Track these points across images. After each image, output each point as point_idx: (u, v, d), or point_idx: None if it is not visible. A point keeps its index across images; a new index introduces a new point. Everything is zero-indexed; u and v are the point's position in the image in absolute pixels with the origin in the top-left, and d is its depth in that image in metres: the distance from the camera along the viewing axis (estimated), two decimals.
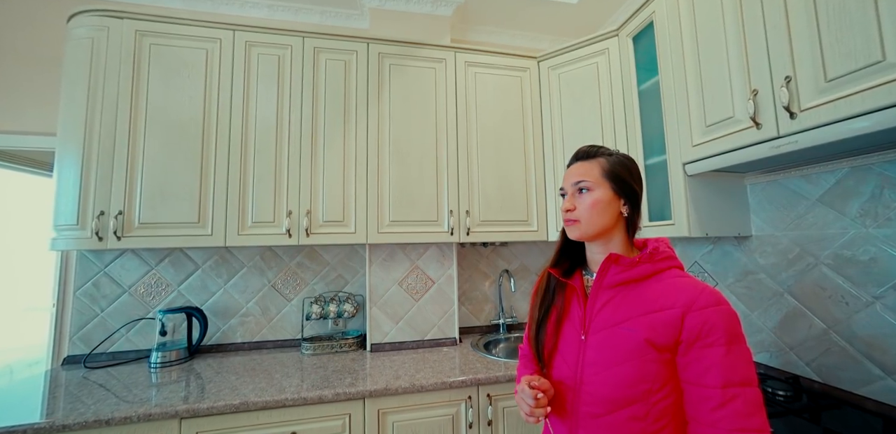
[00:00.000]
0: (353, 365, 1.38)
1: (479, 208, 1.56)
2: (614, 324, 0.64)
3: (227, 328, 1.61)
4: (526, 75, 1.71)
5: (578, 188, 0.70)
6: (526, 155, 1.66)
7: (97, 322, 1.51)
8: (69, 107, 1.34)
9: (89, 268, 1.53)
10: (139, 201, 1.31)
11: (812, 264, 1.08)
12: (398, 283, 1.64)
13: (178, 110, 1.37)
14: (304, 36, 1.50)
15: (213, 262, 1.63)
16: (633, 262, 0.66)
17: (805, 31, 0.82)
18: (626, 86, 1.48)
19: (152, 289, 1.58)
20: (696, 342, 0.57)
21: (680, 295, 0.60)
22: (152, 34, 1.39)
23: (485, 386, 1.24)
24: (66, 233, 1.29)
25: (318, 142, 1.46)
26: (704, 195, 1.20)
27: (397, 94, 1.55)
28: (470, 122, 1.61)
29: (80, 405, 1.05)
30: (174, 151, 1.35)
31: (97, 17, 1.37)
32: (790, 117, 0.84)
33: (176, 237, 1.32)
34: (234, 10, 1.83)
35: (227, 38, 1.44)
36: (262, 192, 1.39)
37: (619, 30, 1.51)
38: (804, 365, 1.09)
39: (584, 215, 0.68)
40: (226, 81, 1.42)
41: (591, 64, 1.59)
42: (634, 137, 1.43)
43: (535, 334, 0.74)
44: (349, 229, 1.43)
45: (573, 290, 0.73)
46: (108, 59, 1.35)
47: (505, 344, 1.73)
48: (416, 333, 1.62)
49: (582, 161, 0.72)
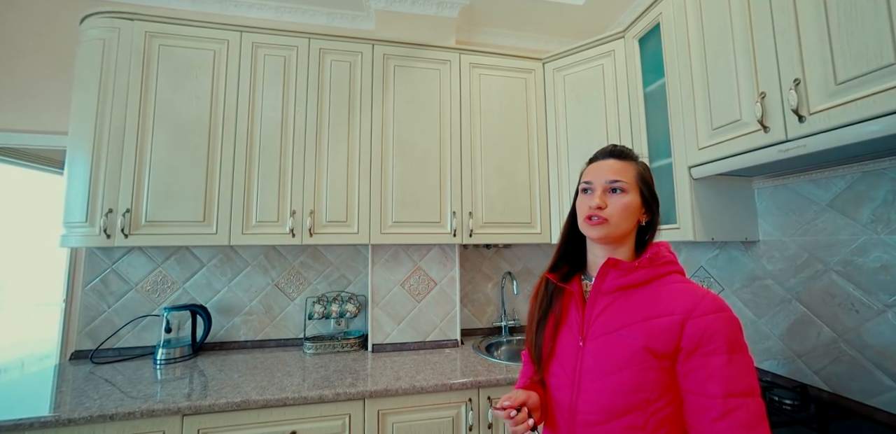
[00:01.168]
0: (354, 365, 1.38)
1: (483, 210, 1.56)
2: (613, 330, 0.63)
3: (231, 326, 1.63)
4: (531, 77, 1.71)
5: (613, 187, 0.67)
6: (530, 157, 1.65)
7: (104, 318, 1.54)
8: (80, 106, 1.36)
9: (98, 264, 1.56)
10: (146, 199, 1.33)
11: (821, 271, 1.06)
12: (400, 284, 1.64)
13: (186, 110, 1.39)
14: (310, 37, 1.51)
15: (217, 261, 1.65)
16: (633, 267, 0.64)
17: (815, 33, 0.81)
18: (631, 88, 1.47)
19: (158, 286, 1.60)
20: (697, 350, 0.56)
21: (680, 301, 0.59)
22: (162, 35, 1.41)
23: (486, 388, 1.23)
24: (76, 230, 1.31)
25: (322, 142, 1.46)
26: (710, 199, 1.18)
27: (402, 95, 1.55)
28: (474, 123, 1.60)
29: (85, 400, 1.07)
30: (181, 151, 1.37)
31: (109, 18, 1.39)
32: (799, 120, 0.83)
33: (181, 235, 1.34)
34: (242, 11, 1.86)
35: (235, 39, 1.46)
36: (267, 191, 1.40)
37: (625, 32, 1.50)
38: (812, 374, 1.07)
39: (615, 216, 0.65)
40: (232, 82, 1.43)
41: (597, 66, 1.58)
42: (640, 140, 1.42)
43: (534, 340, 0.72)
44: (352, 229, 1.44)
45: (571, 295, 0.71)
46: (118, 60, 1.37)
47: (507, 346, 1.72)
48: (418, 334, 1.62)
49: (617, 159, 0.70)
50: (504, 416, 0.62)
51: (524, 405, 0.64)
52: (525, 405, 0.64)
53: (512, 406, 0.62)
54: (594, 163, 0.72)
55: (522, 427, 0.61)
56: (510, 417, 0.61)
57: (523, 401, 0.64)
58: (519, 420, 0.61)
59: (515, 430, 0.61)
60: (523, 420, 0.61)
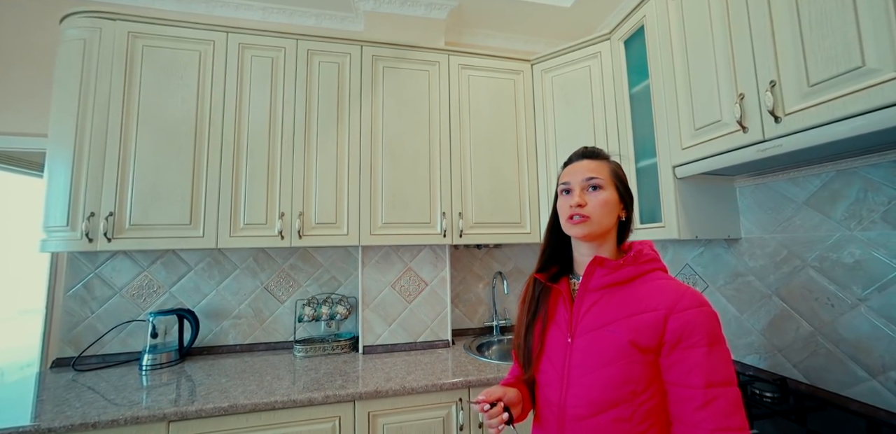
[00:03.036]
0: (344, 367, 1.37)
1: (473, 210, 1.57)
2: (599, 326, 0.64)
3: (220, 330, 1.60)
4: (519, 78, 1.72)
5: (591, 185, 0.69)
6: (519, 157, 1.67)
7: (87, 324, 1.50)
8: (61, 107, 1.33)
9: (80, 269, 1.53)
10: (130, 203, 1.31)
11: (799, 267, 1.09)
12: (391, 286, 1.63)
13: (171, 112, 1.37)
14: (298, 38, 1.50)
15: (205, 264, 1.63)
16: (618, 265, 0.66)
17: (789, 37, 0.84)
18: (617, 89, 1.49)
19: (144, 291, 1.57)
20: (679, 343, 0.57)
21: (663, 297, 0.61)
22: (145, 36, 1.39)
23: (476, 388, 1.24)
24: (57, 234, 1.28)
25: (311, 144, 1.46)
26: (694, 198, 1.21)
27: (391, 96, 1.55)
28: (463, 124, 1.61)
29: (67, 408, 1.04)
30: (166, 153, 1.35)
31: (90, 18, 1.37)
32: (775, 121, 0.85)
33: (167, 239, 1.32)
34: (229, 12, 1.84)
35: (221, 39, 1.44)
36: (255, 193, 1.39)
37: (610, 34, 1.53)
38: (791, 367, 1.10)
39: (596, 213, 0.67)
40: (219, 83, 1.42)
41: (584, 67, 1.61)
42: (626, 140, 1.44)
43: (523, 339, 0.74)
44: (342, 231, 1.43)
45: (559, 294, 0.73)
46: (100, 61, 1.34)
47: (498, 346, 1.73)
48: (409, 335, 1.62)
49: (590, 159, 0.72)
50: (479, 410, 0.64)
51: (500, 400, 0.65)
52: (501, 400, 0.65)
53: (486, 400, 0.64)
54: (569, 165, 0.75)
55: (496, 421, 0.63)
56: (484, 411, 0.63)
57: (499, 396, 0.66)
58: (493, 414, 0.63)
59: (490, 423, 0.63)
60: (497, 414, 0.63)
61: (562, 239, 0.75)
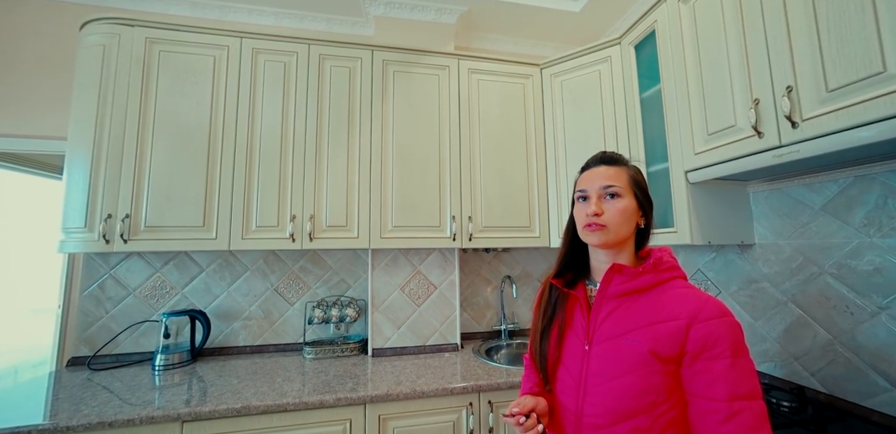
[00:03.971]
0: (354, 370, 1.38)
1: (482, 214, 1.57)
2: (618, 334, 0.64)
3: (230, 331, 1.62)
4: (529, 82, 1.73)
5: (607, 192, 0.68)
6: (528, 161, 1.67)
7: (102, 324, 1.53)
8: (80, 111, 1.36)
9: (96, 270, 1.55)
10: (146, 205, 1.33)
11: (816, 273, 1.07)
12: (400, 289, 1.64)
13: (186, 116, 1.39)
14: (310, 43, 1.52)
15: (216, 266, 1.65)
16: (637, 273, 0.66)
17: (806, 42, 0.83)
18: (627, 94, 1.49)
19: (157, 291, 1.59)
20: (702, 354, 0.57)
21: (684, 306, 0.60)
22: (162, 41, 1.42)
23: (486, 392, 1.23)
24: (75, 235, 1.31)
25: (322, 147, 1.47)
26: (707, 203, 1.20)
27: (401, 100, 1.56)
28: (473, 128, 1.62)
29: (83, 407, 1.06)
30: (181, 156, 1.37)
31: (109, 24, 1.40)
32: (792, 126, 0.85)
33: (181, 241, 1.34)
34: (242, 17, 1.87)
35: (235, 45, 1.47)
36: (267, 196, 1.41)
37: (621, 38, 1.53)
38: (809, 376, 1.08)
39: (613, 221, 0.67)
40: (232, 87, 1.44)
41: (594, 72, 1.61)
42: (636, 145, 1.43)
43: (539, 345, 0.73)
44: (352, 234, 1.44)
45: (576, 300, 0.73)
46: (118, 66, 1.37)
47: (507, 350, 1.72)
48: (418, 339, 1.62)
49: (608, 165, 0.71)
50: (514, 423, 0.62)
51: (533, 411, 0.65)
52: (534, 411, 0.65)
53: (521, 412, 0.63)
54: (586, 171, 0.74)
55: (532, 433, 0.62)
56: (520, 424, 0.62)
57: (532, 407, 0.65)
58: (528, 426, 0.62)
59: None
60: (532, 426, 0.62)
61: (579, 245, 0.75)
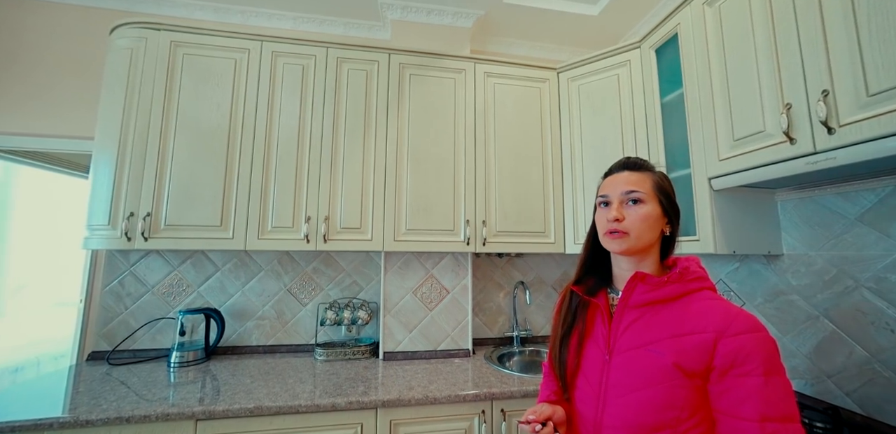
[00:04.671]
0: (365, 373, 1.37)
1: (496, 219, 1.55)
2: (640, 345, 0.62)
3: (244, 331, 1.63)
4: (545, 86, 1.71)
5: (630, 198, 0.67)
6: (544, 166, 1.65)
7: (121, 320, 1.56)
8: (107, 112, 1.41)
9: (116, 266, 1.59)
10: (166, 204, 1.35)
11: (851, 287, 1.02)
12: (412, 292, 1.63)
13: (207, 117, 1.42)
14: (328, 46, 1.54)
15: (232, 265, 1.67)
16: (662, 282, 0.64)
17: (844, 44, 0.79)
18: (647, 98, 1.46)
19: (174, 289, 1.62)
20: (731, 370, 0.54)
21: (712, 318, 0.58)
22: (186, 45, 1.45)
23: (499, 401, 1.21)
24: (98, 232, 1.34)
25: (338, 150, 1.48)
26: (731, 211, 1.16)
27: (417, 103, 1.56)
28: (488, 132, 1.61)
29: (102, 401, 1.08)
30: (201, 156, 1.40)
31: (137, 28, 1.44)
32: (828, 132, 0.81)
33: (199, 239, 1.36)
34: (263, 21, 1.91)
35: (255, 48, 1.49)
36: (283, 197, 1.42)
37: (641, 42, 1.50)
38: (844, 395, 1.02)
39: (635, 228, 0.65)
40: (252, 90, 1.46)
41: (612, 76, 1.58)
42: (657, 150, 1.40)
43: (558, 352, 0.72)
44: (366, 236, 1.44)
45: (597, 308, 0.71)
46: (144, 68, 1.41)
47: (519, 357, 1.69)
48: (430, 343, 1.60)
49: (631, 171, 0.70)
50: (529, 431, 0.61)
51: (549, 419, 0.63)
52: (550, 419, 0.63)
53: (537, 420, 0.62)
54: (609, 176, 0.73)
55: None
56: (535, 432, 0.61)
57: (549, 415, 0.64)
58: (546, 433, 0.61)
59: None
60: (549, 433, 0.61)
61: (600, 252, 0.73)
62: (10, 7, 1.69)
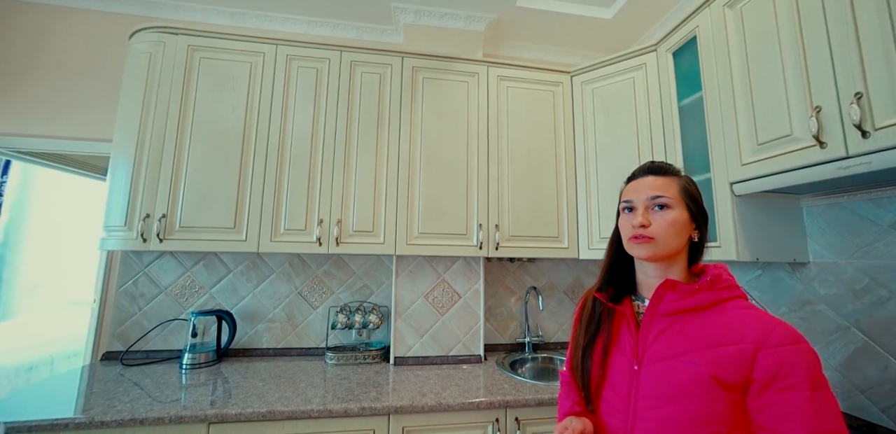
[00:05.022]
0: (376, 378, 1.36)
1: (509, 223, 1.53)
2: (673, 355, 0.60)
3: (254, 333, 1.63)
4: (559, 90, 1.69)
5: (656, 204, 0.65)
6: (557, 170, 1.63)
7: (134, 320, 1.57)
8: (126, 115, 1.43)
9: (131, 267, 1.60)
10: (181, 205, 1.36)
11: (885, 297, 0.98)
12: (424, 297, 1.62)
13: (222, 120, 1.43)
14: (342, 50, 1.55)
15: (244, 267, 1.67)
16: (692, 290, 0.62)
17: (878, 45, 0.77)
18: (664, 102, 1.43)
19: (186, 290, 1.63)
20: (773, 384, 0.52)
21: (749, 329, 0.56)
22: (203, 48, 1.47)
23: (513, 409, 1.18)
24: (115, 233, 1.36)
25: (351, 152, 1.48)
26: (754, 217, 1.13)
27: (430, 107, 1.56)
28: (501, 135, 1.59)
29: (116, 402, 1.08)
30: (215, 159, 1.41)
31: (156, 33, 1.46)
32: (862, 136, 0.78)
33: (212, 241, 1.36)
34: (277, 25, 1.93)
35: (270, 51, 1.50)
36: (296, 200, 1.42)
37: (657, 45, 1.48)
38: (879, 412, 0.98)
39: (661, 233, 0.63)
40: (266, 93, 1.47)
41: (628, 79, 1.56)
42: (674, 154, 1.37)
43: (580, 362, 0.70)
44: (378, 240, 1.44)
45: (622, 316, 0.69)
46: (162, 72, 1.43)
47: (532, 364, 1.66)
48: (441, 348, 1.58)
49: (656, 175, 0.68)
50: None
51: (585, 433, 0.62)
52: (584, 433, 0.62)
53: None
54: (633, 181, 0.71)
55: None
56: None
57: (581, 430, 0.62)
58: None
59: None
60: None
61: (623, 258, 0.71)
62: (30, 12, 1.73)
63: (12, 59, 1.67)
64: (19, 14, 1.71)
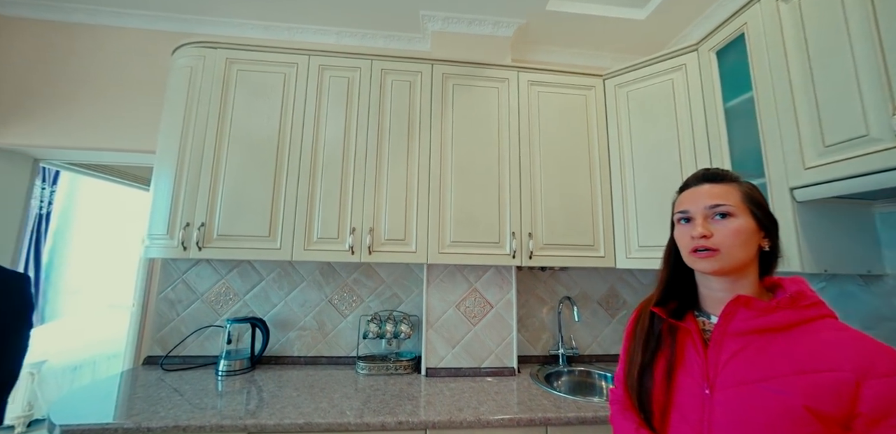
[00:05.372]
0: (410, 390, 1.33)
1: (543, 231, 1.49)
2: (752, 381, 0.54)
3: (286, 341, 1.64)
4: (591, 93, 1.65)
5: (716, 212, 0.61)
6: (592, 176, 1.57)
7: (173, 326, 1.61)
8: (168, 127, 1.48)
9: (170, 274, 1.65)
10: (219, 214, 1.39)
11: None
12: (455, 306, 1.58)
13: (257, 130, 1.46)
14: (373, 58, 1.56)
15: (275, 275, 1.69)
16: (770, 307, 0.56)
17: None
18: (708, 103, 1.36)
19: (221, 297, 1.66)
20: (885, 419, 0.46)
21: (846, 354, 0.50)
22: (240, 61, 1.51)
23: (555, 427, 1.12)
24: (158, 241, 1.40)
25: (382, 160, 1.48)
26: (819, 224, 1.04)
27: (460, 113, 1.54)
28: (533, 141, 1.56)
29: (160, 408, 1.10)
30: (251, 168, 1.43)
31: (197, 47, 1.52)
32: None
33: (248, 249, 1.38)
34: (308, 36, 1.97)
35: (304, 62, 1.53)
36: (328, 208, 1.43)
37: (698, 44, 1.42)
38: None
39: (727, 244, 0.59)
40: (300, 102, 1.50)
41: (666, 81, 1.50)
42: (721, 158, 1.30)
43: (638, 381, 0.65)
44: (410, 248, 1.42)
45: (687, 334, 0.64)
46: (202, 84, 1.48)
47: (567, 377, 1.60)
48: (473, 360, 1.54)
49: (713, 183, 0.64)
50: None
51: None
52: None
53: None
54: (687, 190, 0.67)
55: None
56: None
57: None
58: None
59: None
60: None
61: (682, 270, 0.67)
62: (85, 33, 1.83)
63: (68, 78, 1.77)
64: (76, 36, 1.82)
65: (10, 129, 1.69)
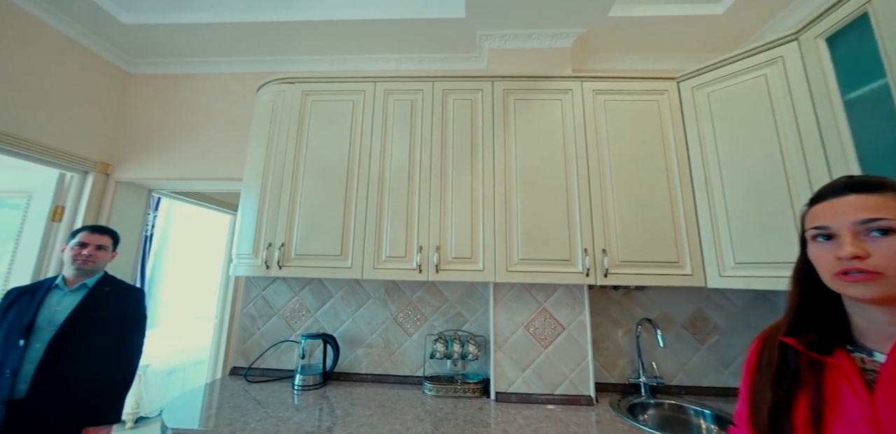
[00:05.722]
0: (481, 415, 1.27)
1: (618, 247, 1.38)
2: None
3: (354, 358, 1.68)
4: (664, 98, 1.53)
5: (871, 228, 0.51)
6: (671, 186, 1.44)
7: (254, 339, 1.72)
8: (253, 157, 1.64)
9: (251, 291, 1.79)
10: (296, 235, 1.49)
11: None
12: (524, 327, 1.51)
13: (329, 155, 1.56)
14: (434, 80, 1.61)
15: (344, 292, 1.76)
16: None
17: None
18: (818, 97, 1.19)
19: (295, 313, 1.75)
20: None
21: None
22: (314, 93, 1.64)
23: None
24: (244, 261, 1.52)
25: (446, 179, 1.49)
26: None
27: (523, 128, 1.52)
28: (602, 152, 1.48)
29: (250, 419, 1.17)
30: (324, 191, 1.52)
31: (277, 84, 1.68)
32: None
33: (322, 268, 1.45)
34: (370, 65, 2.10)
35: (370, 89, 1.62)
36: (396, 228, 1.46)
37: (799, 33, 1.26)
38: None
39: (892, 266, 0.49)
40: (367, 127, 1.58)
41: (758, 77, 1.35)
42: (843, 159, 1.12)
43: (769, 423, 0.56)
44: (477, 267, 1.39)
45: (839, 373, 0.54)
46: (282, 117, 1.63)
47: (655, 410, 1.43)
48: (545, 386, 1.45)
49: (862, 193, 0.54)
50: None
51: None
52: None
53: None
54: (824, 202, 0.57)
55: None
56: None
57: None
58: None
59: None
60: None
61: (819, 295, 0.57)
62: (186, 82, 2.15)
63: (173, 120, 2.07)
64: (179, 84, 2.15)
65: (134, 165, 2.01)
